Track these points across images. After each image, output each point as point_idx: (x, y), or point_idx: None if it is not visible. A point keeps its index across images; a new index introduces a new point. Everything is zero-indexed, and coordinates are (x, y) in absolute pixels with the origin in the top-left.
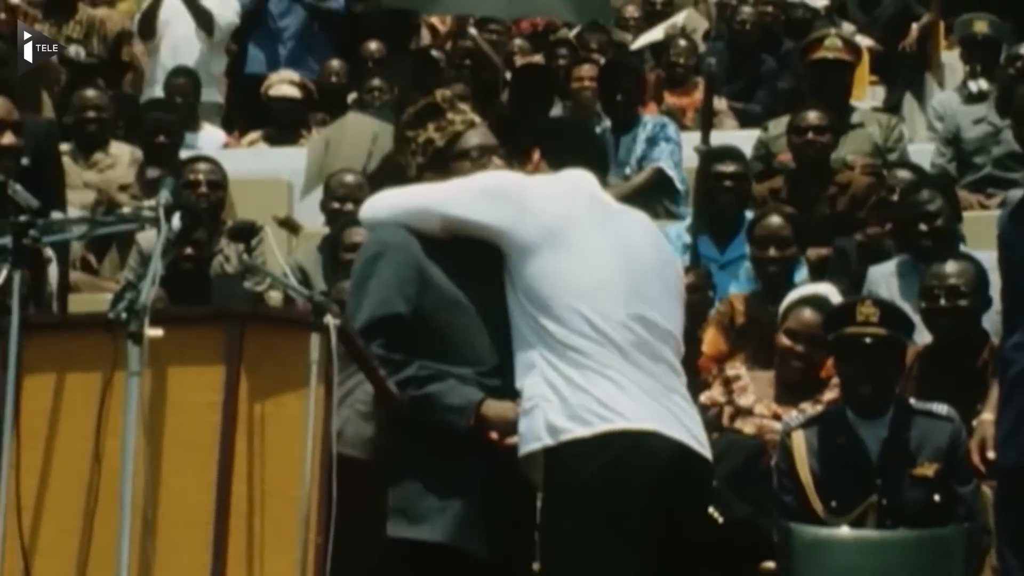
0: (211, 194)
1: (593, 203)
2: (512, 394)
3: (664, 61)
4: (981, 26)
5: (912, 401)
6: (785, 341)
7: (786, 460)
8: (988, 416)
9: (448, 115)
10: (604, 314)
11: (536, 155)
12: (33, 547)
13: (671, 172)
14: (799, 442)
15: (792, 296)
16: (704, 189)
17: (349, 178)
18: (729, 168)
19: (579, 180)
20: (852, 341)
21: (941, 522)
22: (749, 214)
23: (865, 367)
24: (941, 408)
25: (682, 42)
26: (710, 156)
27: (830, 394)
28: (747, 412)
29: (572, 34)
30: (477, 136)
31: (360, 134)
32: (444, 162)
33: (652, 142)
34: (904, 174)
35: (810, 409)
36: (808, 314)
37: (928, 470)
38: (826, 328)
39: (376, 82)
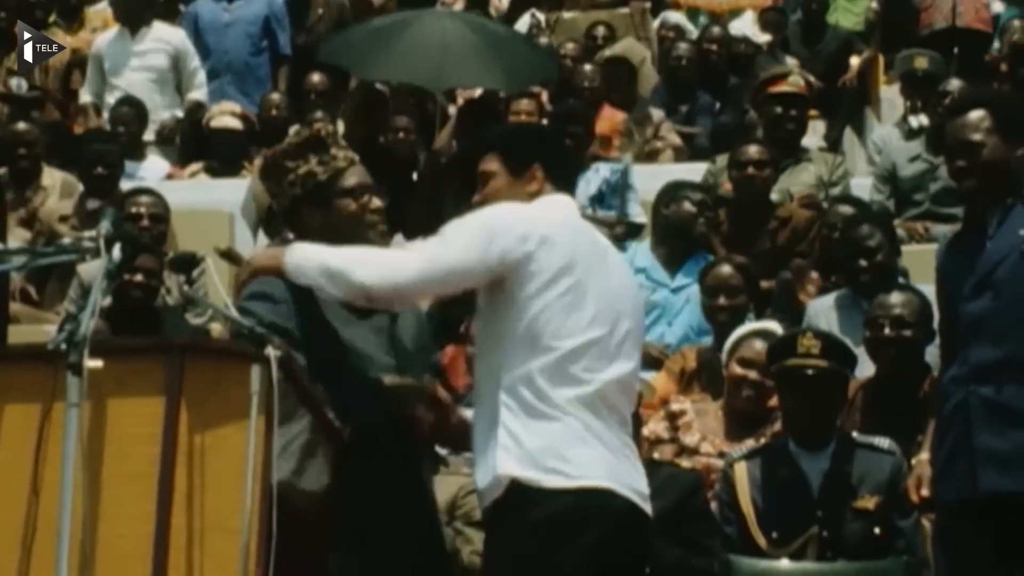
0: (153, 227)
1: (590, 243)
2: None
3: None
4: (921, 62)
5: (854, 434)
6: (738, 370)
7: (728, 491)
8: (925, 456)
9: (332, 150)
10: (589, 368)
11: (540, 172)
12: None
13: (641, 220)
14: (741, 473)
15: (740, 331)
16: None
17: None
18: (701, 198)
19: (572, 214)
20: (794, 373)
21: (881, 555)
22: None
23: (807, 399)
24: (883, 442)
25: (587, 67)
26: (679, 188)
27: (776, 426)
28: (692, 451)
29: None
30: (357, 175)
31: None
32: (325, 197)
33: (617, 191)
34: (846, 208)
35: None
36: (760, 344)
37: (869, 503)
38: (768, 360)
39: (319, 115)
